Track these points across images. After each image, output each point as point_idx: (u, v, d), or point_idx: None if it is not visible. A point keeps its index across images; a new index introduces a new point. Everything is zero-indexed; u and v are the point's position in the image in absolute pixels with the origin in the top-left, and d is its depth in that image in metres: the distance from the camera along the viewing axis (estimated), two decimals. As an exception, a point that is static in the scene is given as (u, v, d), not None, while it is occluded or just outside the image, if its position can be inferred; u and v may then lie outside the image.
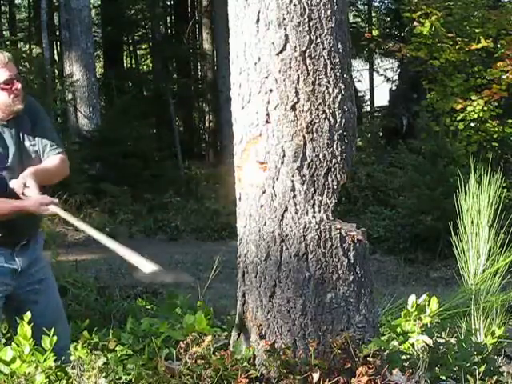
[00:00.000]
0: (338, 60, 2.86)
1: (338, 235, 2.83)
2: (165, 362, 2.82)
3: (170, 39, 20.13)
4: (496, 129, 11.23)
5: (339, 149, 2.85)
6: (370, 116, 21.72)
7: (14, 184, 3.30)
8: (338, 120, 2.85)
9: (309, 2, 2.82)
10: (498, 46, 11.68)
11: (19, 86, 3.37)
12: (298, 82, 2.82)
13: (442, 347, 3.09)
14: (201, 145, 20.41)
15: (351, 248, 2.85)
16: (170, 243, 10.75)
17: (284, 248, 2.83)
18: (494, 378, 2.96)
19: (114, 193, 12.17)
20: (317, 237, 2.81)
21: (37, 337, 2.97)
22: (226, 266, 5.63)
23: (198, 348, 2.77)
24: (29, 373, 2.83)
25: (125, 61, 21.82)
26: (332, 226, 2.83)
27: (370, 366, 2.70)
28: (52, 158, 3.48)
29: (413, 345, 3.31)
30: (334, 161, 2.84)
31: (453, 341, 3.36)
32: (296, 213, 2.82)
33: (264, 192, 2.86)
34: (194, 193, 13.14)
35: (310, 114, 2.82)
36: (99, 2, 21.72)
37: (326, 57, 2.84)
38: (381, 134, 17.80)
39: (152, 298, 5.80)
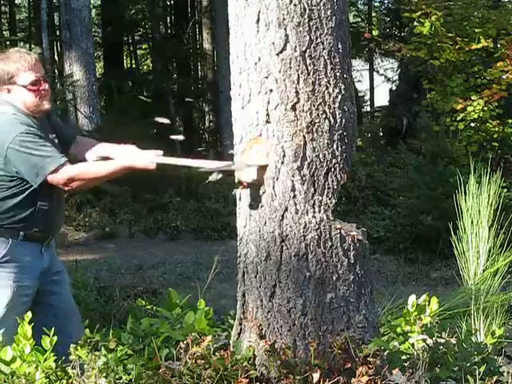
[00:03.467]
0: (338, 60, 2.86)
1: (338, 235, 2.84)
2: (165, 362, 2.82)
3: (170, 39, 20.11)
4: (496, 129, 11.22)
5: (339, 149, 2.85)
6: (370, 116, 21.73)
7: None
8: (338, 120, 2.85)
9: (309, 1, 2.82)
10: (498, 45, 11.68)
11: (46, 86, 3.46)
12: (298, 82, 2.82)
13: (441, 347, 3.09)
14: (201, 145, 20.41)
15: (351, 248, 2.85)
16: (170, 243, 10.74)
17: (284, 248, 2.83)
18: (494, 378, 2.96)
19: (113, 193, 12.16)
20: (317, 237, 2.81)
21: (55, 327, 3.01)
22: (226, 266, 5.64)
23: (198, 348, 2.77)
24: (29, 373, 2.83)
25: (125, 61, 21.81)
26: (332, 226, 2.83)
27: (370, 366, 2.70)
28: (91, 141, 3.71)
29: (413, 345, 3.31)
30: (334, 161, 2.84)
31: (453, 341, 3.35)
32: (296, 213, 2.82)
33: (264, 192, 2.86)
34: (194, 193, 13.13)
35: (310, 113, 2.82)
36: (99, 2, 21.71)
37: (326, 57, 2.84)
38: (381, 134, 17.80)
39: (152, 298, 5.79)
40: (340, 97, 2.86)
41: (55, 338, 2.98)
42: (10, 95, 3.40)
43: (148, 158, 3.33)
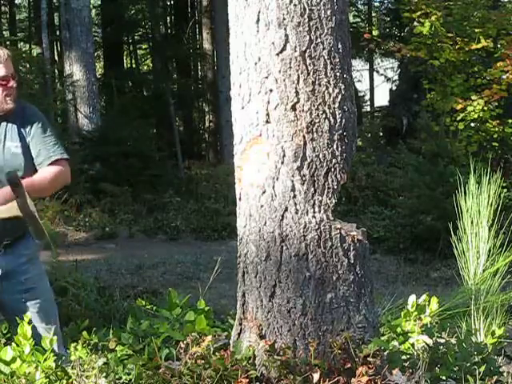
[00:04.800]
0: (338, 60, 2.86)
1: (338, 235, 2.83)
2: (165, 362, 2.82)
3: (170, 39, 20.12)
4: (496, 129, 11.22)
5: (339, 149, 2.85)
6: (369, 116, 21.75)
7: None
8: (338, 120, 2.85)
9: (309, 2, 2.82)
10: (498, 45, 11.68)
11: (14, 84, 3.36)
12: (298, 82, 2.82)
13: (442, 347, 3.09)
14: (201, 145, 20.43)
15: (351, 248, 2.85)
16: (170, 243, 10.75)
17: (284, 248, 2.83)
18: (494, 377, 2.96)
19: (114, 193, 12.17)
20: (317, 237, 2.81)
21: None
22: (226, 266, 5.62)
23: (197, 348, 2.77)
24: (29, 373, 2.83)
25: (125, 61, 21.82)
26: (332, 226, 2.83)
27: (370, 366, 2.70)
28: (44, 170, 3.40)
29: (413, 345, 3.31)
30: (334, 161, 2.84)
31: (453, 341, 3.35)
32: (296, 213, 2.82)
33: (264, 192, 2.86)
34: (194, 193, 13.14)
35: (310, 113, 2.82)
36: (99, 2, 21.72)
37: (326, 57, 2.84)
38: (381, 134, 17.82)
39: (152, 298, 5.79)
40: (340, 97, 2.85)
41: (55, 338, 2.98)
42: None
43: None
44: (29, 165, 3.40)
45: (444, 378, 3.00)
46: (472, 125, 11.34)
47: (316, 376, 2.67)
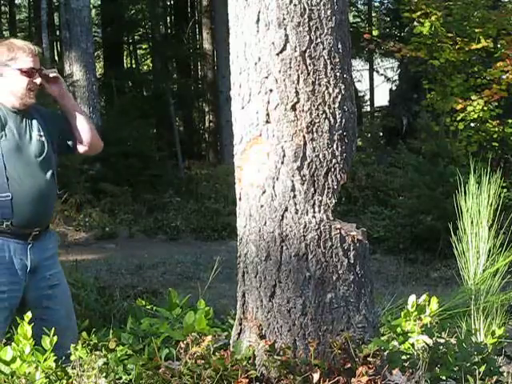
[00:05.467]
0: (338, 60, 2.86)
1: (338, 235, 2.83)
2: (165, 362, 2.81)
3: (170, 39, 20.13)
4: (496, 129, 11.23)
5: (339, 149, 2.85)
6: (369, 116, 21.77)
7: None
8: (338, 120, 2.85)
9: (309, 1, 2.82)
10: (498, 45, 11.68)
11: (38, 81, 3.41)
12: (298, 82, 2.82)
13: (441, 347, 3.09)
14: (201, 145, 20.44)
15: (351, 248, 2.85)
16: (170, 243, 10.75)
17: (284, 248, 2.83)
18: (494, 377, 2.96)
19: (114, 193, 12.18)
20: (317, 237, 2.81)
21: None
22: (226, 266, 5.63)
23: (197, 348, 2.77)
24: (29, 373, 2.83)
25: (125, 61, 21.83)
26: (332, 226, 2.83)
27: (370, 366, 2.70)
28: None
29: (413, 345, 3.31)
30: (334, 161, 2.84)
31: (453, 341, 3.35)
32: (296, 213, 2.82)
33: (264, 192, 2.86)
34: (194, 193, 13.14)
35: (310, 114, 2.82)
36: (99, 2, 21.73)
37: (326, 57, 2.84)
38: (381, 134, 17.83)
39: (152, 298, 5.79)
40: (340, 97, 2.85)
41: (55, 338, 2.97)
42: None
43: None
44: (54, 155, 3.48)
45: (444, 378, 3.00)
46: (472, 125, 11.35)
47: (316, 376, 2.67)
